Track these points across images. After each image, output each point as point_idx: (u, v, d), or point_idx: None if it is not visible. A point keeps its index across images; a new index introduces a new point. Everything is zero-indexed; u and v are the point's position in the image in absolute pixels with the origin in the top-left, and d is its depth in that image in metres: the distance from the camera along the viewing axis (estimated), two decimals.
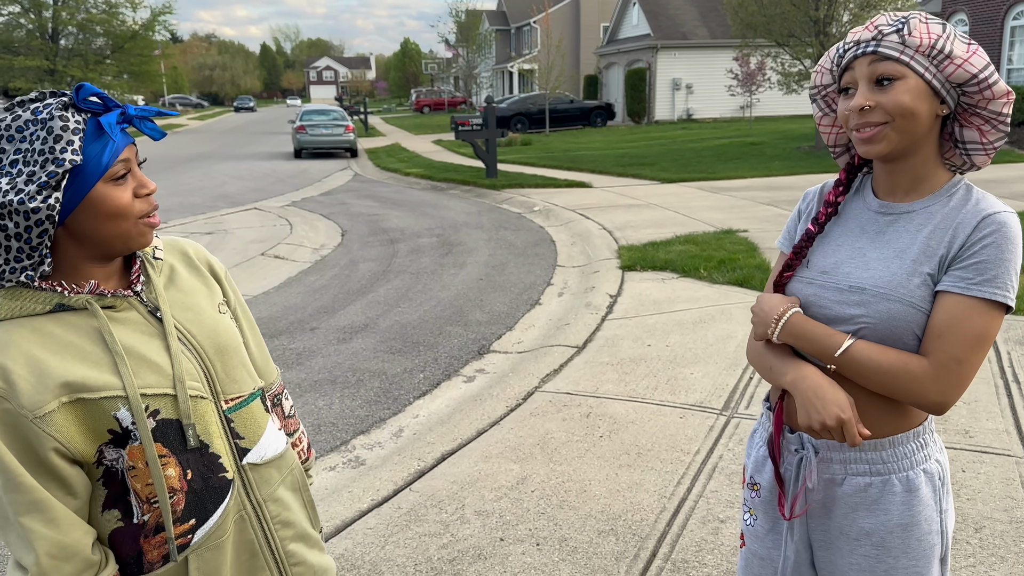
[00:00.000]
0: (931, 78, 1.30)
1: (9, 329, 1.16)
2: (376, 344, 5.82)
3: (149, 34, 44.27)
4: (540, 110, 29.31)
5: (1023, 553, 2.81)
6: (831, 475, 1.43)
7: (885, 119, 1.32)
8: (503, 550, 3.00)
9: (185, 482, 1.25)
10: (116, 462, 1.20)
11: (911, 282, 1.33)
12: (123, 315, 1.24)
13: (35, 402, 1.12)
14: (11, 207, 1.08)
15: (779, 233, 8.78)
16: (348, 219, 11.90)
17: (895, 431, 1.39)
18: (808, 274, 1.47)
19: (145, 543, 1.24)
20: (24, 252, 1.11)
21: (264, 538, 1.38)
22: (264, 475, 1.39)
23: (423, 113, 54.74)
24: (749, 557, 1.61)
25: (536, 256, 8.71)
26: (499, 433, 4.04)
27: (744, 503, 1.64)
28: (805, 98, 26.56)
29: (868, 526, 1.41)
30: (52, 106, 1.13)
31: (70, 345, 1.17)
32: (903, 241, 1.37)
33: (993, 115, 1.32)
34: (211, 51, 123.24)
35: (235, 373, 1.35)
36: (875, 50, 1.32)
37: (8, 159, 1.11)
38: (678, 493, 3.35)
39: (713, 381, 4.56)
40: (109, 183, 1.16)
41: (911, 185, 1.39)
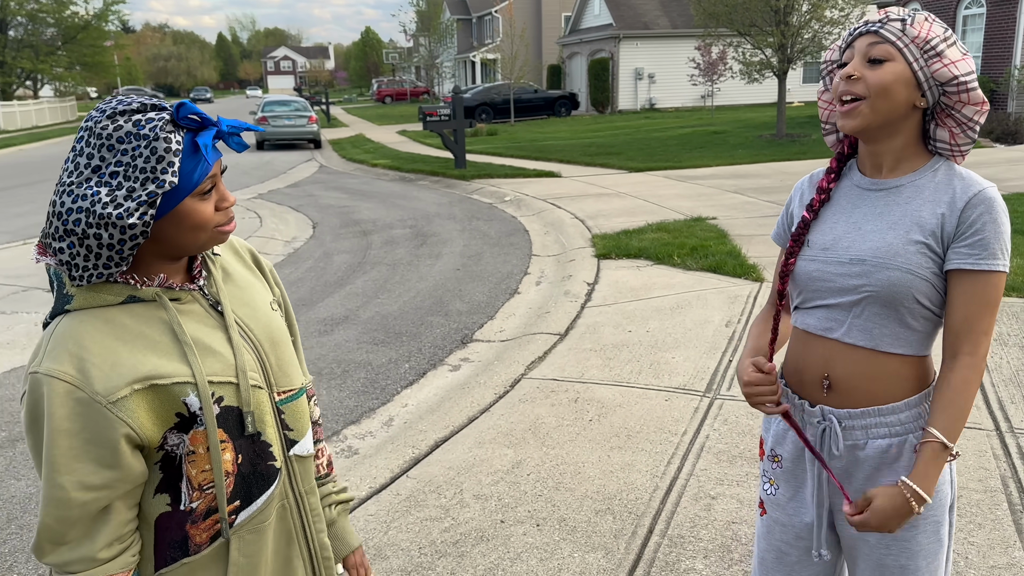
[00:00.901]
0: (917, 69, 1.42)
1: (83, 320, 1.20)
2: (358, 335, 5.85)
3: (101, 24, 43.32)
4: (505, 100, 29.32)
5: (999, 520, 2.97)
6: (854, 441, 1.54)
7: (864, 93, 1.44)
8: (504, 531, 3.08)
9: (236, 466, 1.31)
10: (177, 447, 1.25)
11: (907, 250, 1.45)
12: (187, 307, 1.29)
13: (109, 388, 1.17)
14: (109, 220, 1.12)
15: (747, 220, 9.00)
16: (318, 211, 11.85)
17: (909, 394, 1.51)
18: (810, 252, 1.57)
19: (192, 528, 1.29)
20: (113, 261, 1.16)
21: (302, 527, 1.44)
22: (307, 468, 1.45)
23: (385, 103, 54.36)
24: (771, 524, 1.71)
25: (511, 246, 8.78)
26: (490, 420, 4.12)
27: (764, 474, 1.74)
28: (766, 87, 26.98)
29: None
30: (156, 124, 1.15)
31: (140, 335, 1.22)
32: (895, 214, 1.49)
33: (965, 119, 1.44)
34: (165, 41, 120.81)
35: (287, 367, 1.41)
36: (876, 30, 1.45)
37: (108, 169, 1.14)
38: (669, 472, 3.46)
39: (694, 364, 4.68)
40: (196, 198, 1.20)
41: (894, 164, 1.52)
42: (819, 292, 1.55)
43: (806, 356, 1.59)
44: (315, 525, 1.47)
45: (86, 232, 1.13)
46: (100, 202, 1.12)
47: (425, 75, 55.98)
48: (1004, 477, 3.25)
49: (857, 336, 1.51)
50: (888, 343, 1.49)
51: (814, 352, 1.57)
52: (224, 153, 22.22)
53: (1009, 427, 3.67)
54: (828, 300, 1.54)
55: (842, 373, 1.53)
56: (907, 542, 1.53)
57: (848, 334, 1.52)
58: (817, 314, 1.57)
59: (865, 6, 17.17)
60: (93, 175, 1.14)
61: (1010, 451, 3.45)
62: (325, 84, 77.26)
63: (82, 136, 1.17)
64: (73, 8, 40.67)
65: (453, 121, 14.92)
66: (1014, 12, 16.98)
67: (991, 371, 4.31)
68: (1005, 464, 3.35)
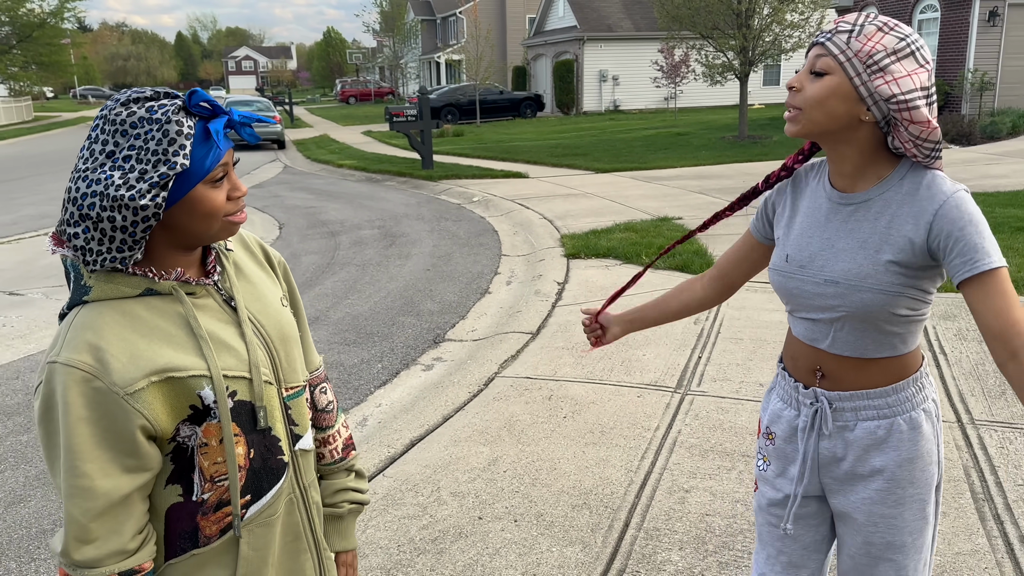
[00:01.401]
0: (859, 84, 1.40)
1: (102, 311, 1.21)
2: (329, 336, 5.83)
3: (57, 22, 42.43)
4: (471, 101, 29.32)
5: (962, 508, 3.07)
6: (844, 423, 1.61)
7: (800, 105, 1.47)
8: (483, 527, 3.11)
9: (248, 460, 1.33)
10: (189, 439, 1.27)
11: (876, 271, 1.48)
12: (201, 302, 1.31)
13: (127, 379, 1.18)
14: (122, 201, 1.14)
15: None
16: (284, 212, 11.76)
17: (898, 379, 1.57)
18: (788, 268, 1.62)
19: (203, 519, 1.30)
20: (127, 244, 1.18)
21: (307, 522, 1.46)
22: (308, 462, 1.47)
23: (349, 104, 54.03)
24: (762, 500, 1.79)
25: (481, 246, 8.81)
26: (465, 418, 4.14)
27: (759, 451, 1.81)
28: (728, 89, 27.34)
29: (879, 464, 1.59)
30: (168, 108, 1.18)
31: (157, 328, 1.24)
32: (864, 231, 1.51)
33: (913, 137, 1.41)
34: (124, 41, 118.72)
35: (294, 364, 1.43)
36: (824, 42, 1.46)
37: (122, 153, 1.17)
38: (643, 467, 3.52)
39: (665, 361, 4.75)
40: (208, 185, 1.22)
41: (855, 172, 1.52)
42: (801, 306, 1.61)
43: (799, 351, 1.66)
44: (316, 519, 1.49)
45: (100, 216, 1.15)
46: (113, 184, 1.15)
47: (389, 75, 55.74)
48: (966, 467, 3.36)
49: (841, 347, 1.57)
50: (873, 350, 1.55)
51: (805, 352, 1.64)
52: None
53: (970, 419, 3.79)
54: (811, 315, 1.60)
55: (832, 369, 1.60)
56: (893, 519, 1.59)
57: (832, 346, 1.58)
58: (803, 324, 1.63)
59: (824, 10, 17.49)
60: (107, 160, 1.17)
61: (971, 442, 3.57)
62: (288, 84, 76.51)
63: (97, 124, 1.20)
64: (28, 6, 39.79)
65: (420, 122, 14.90)
66: (967, 16, 17.44)
67: (951, 364, 4.45)
68: (967, 454, 3.46)
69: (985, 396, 4.02)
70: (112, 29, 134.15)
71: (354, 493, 1.60)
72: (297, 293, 1.58)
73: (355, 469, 1.63)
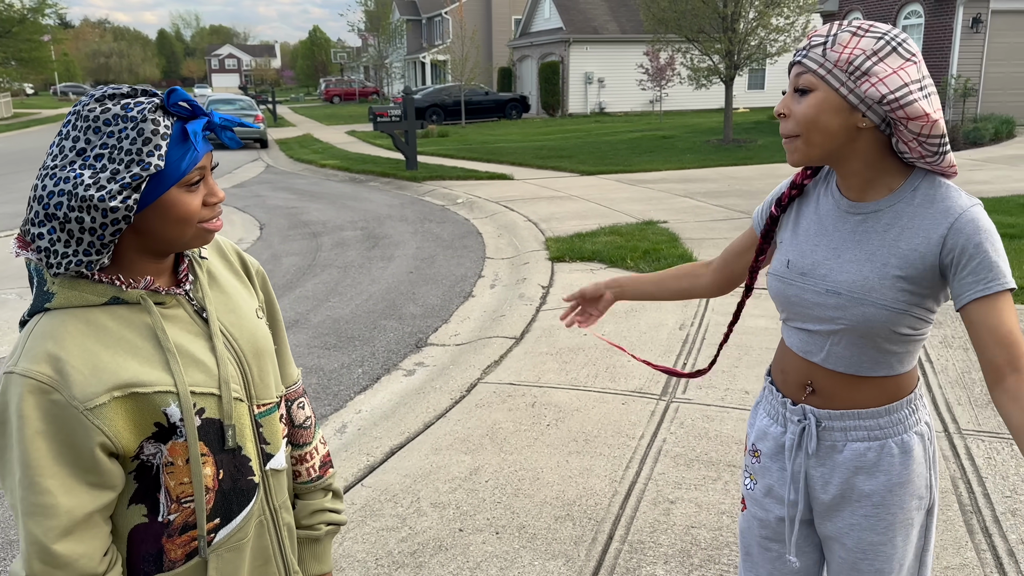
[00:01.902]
0: (847, 93, 1.34)
1: (64, 320, 1.14)
2: (309, 340, 5.73)
3: (37, 18, 41.94)
4: (456, 102, 29.22)
5: (951, 520, 3.03)
6: (832, 442, 1.54)
7: (796, 131, 1.40)
8: (463, 540, 3.03)
9: (217, 482, 1.25)
10: (154, 457, 1.19)
11: (883, 285, 1.41)
12: (171, 312, 1.23)
13: (87, 394, 1.11)
14: (91, 202, 1.08)
15: (698, 224, 9.10)
16: (265, 212, 11.63)
17: (892, 399, 1.50)
18: (788, 275, 1.54)
19: (168, 542, 1.23)
20: (95, 247, 1.11)
21: (277, 545, 1.39)
22: (280, 483, 1.40)
23: (333, 103, 53.76)
24: (749, 519, 1.72)
25: (464, 248, 8.72)
26: (446, 425, 4.06)
27: (745, 469, 1.74)
28: (713, 93, 27.37)
29: (868, 488, 1.51)
30: (144, 106, 1.12)
31: (123, 339, 1.16)
32: (873, 243, 1.43)
33: (913, 135, 1.34)
34: (106, 37, 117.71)
35: (267, 379, 1.36)
36: (800, 60, 1.39)
37: (93, 152, 1.10)
38: (628, 477, 3.45)
39: (650, 368, 4.69)
40: (183, 189, 1.16)
41: (866, 185, 1.45)
42: (798, 316, 1.54)
43: (790, 364, 1.59)
44: (287, 542, 1.41)
45: (68, 216, 1.09)
46: (83, 184, 1.08)
47: (374, 75, 55.54)
48: (954, 478, 3.32)
49: (836, 362, 1.50)
50: (868, 368, 1.48)
51: (796, 364, 1.57)
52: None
53: (957, 428, 3.75)
54: (807, 325, 1.53)
55: (824, 385, 1.54)
56: (883, 546, 1.53)
57: (827, 360, 1.51)
58: (798, 335, 1.56)
59: (810, 14, 17.55)
60: (78, 158, 1.11)
61: (959, 452, 3.53)
62: (272, 83, 76.03)
63: (70, 120, 1.14)
64: (8, 1, 39.30)
65: (404, 122, 14.79)
66: (951, 23, 17.55)
67: (937, 373, 4.41)
68: (955, 465, 3.42)
69: (972, 405, 3.99)
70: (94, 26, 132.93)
71: (331, 514, 1.53)
72: (275, 303, 1.51)
73: (332, 488, 1.56)
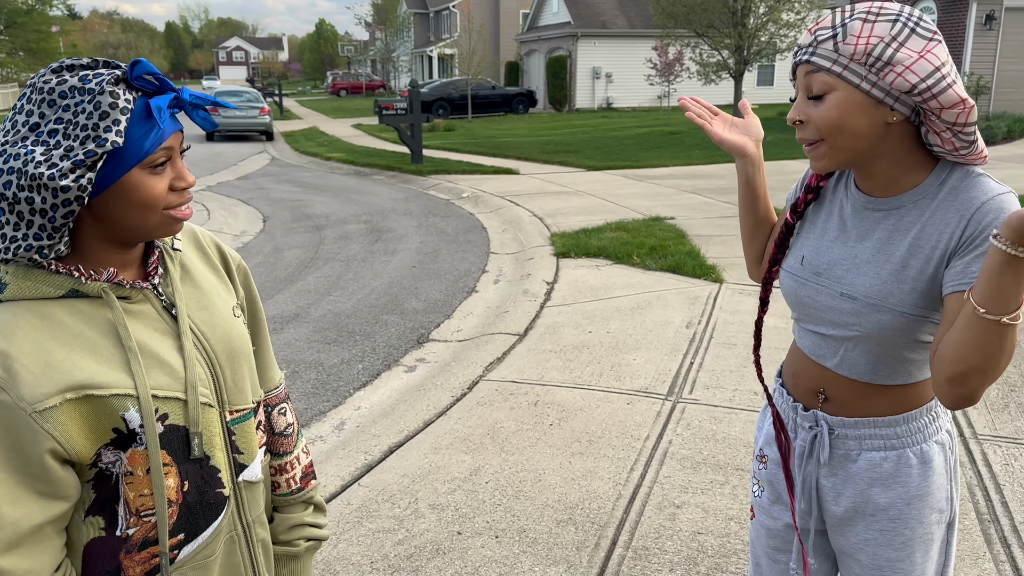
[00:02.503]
0: (869, 88, 1.20)
1: (16, 313, 1.04)
2: (309, 334, 5.63)
3: (45, 9, 41.94)
4: (462, 96, 29.08)
5: (968, 530, 2.91)
6: (845, 451, 1.43)
7: (818, 136, 1.26)
8: (461, 544, 2.93)
9: (181, 494, 1.15)
10: (113, 465, 1.09)
11: (901, 289, 1.28)
12: (137, 307, 1.13)
13: (36, 395, 1.01)
14: (41, 180, 0.98)
15: (705, 220, 8.99)
16: (269, 204, 11.54)
17: (910, 407, 1.39)
18: (802, 273, 1.43)
19: (127, 558, 1.12)
20: (46, 231, 1.01)
21: (250, 562, 1.28)
22: (254, 495, 1.29)
23: (340, 96, 53.61)
24: (759, 528, 1.62)
25: (468, 243, 8.62)
26: (447, 424, 3.96)
27: (753, 476, 1.64)
28: (722, 89, 27.22)
29: (884, 501, 1.41)
30: (104, 78, 1.02)
31: (80, 336, 1.06)
32: (893, 243, 1.31)
33: (948, 124, 1.20)
34: (114, 29, 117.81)
35: (242, 383, 1.25)
36: (809, 59, 1.25)
37: (47, 127, 1.01)
38: (632, 480, 3.35)
39: (656, 367, 4.58)
40: (146, 170, 1.05)
41: (890, 183, 1.32)
42: (811, 318, 1.43)
43: (803, 368, 1.48)
44: (261, 559, 1.30)
45: (17, 196, 0.99)
46: (33, 161, 0.98)
47: (381, 69, 55.42)
48: (971, 485, 3.20)
49: (850, 369, 1.39)
50: (885, 376, 1.37)
51: (809, 369, 1.47)
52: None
53: (973, 433, 3.63)
54: (820, 328, 1.42)
55: (837, 392, 1.43)
56: (900, 562, 1.43)
57: (840, 366, 1.40)
58: (811, 338, 1.45)
59: (821, 9, 17.38)
60: (31, 133, 1.01)
61: (975, 458, 3.41)
62: (278, 76, 75.95)
63: (25, 93, 1.04)
64: None
65: (410, 115, 14.68)
66: (963, 20, 17.36)
67: None
68: (971, 472, 3.31)
69: (988, 409, 3.87)
70: (102, 17, 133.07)
71: (311, 529, 1.42)
72: (258, 301, 1.40)
73: (314, 501, 1.45)
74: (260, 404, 1.34)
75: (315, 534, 1.42)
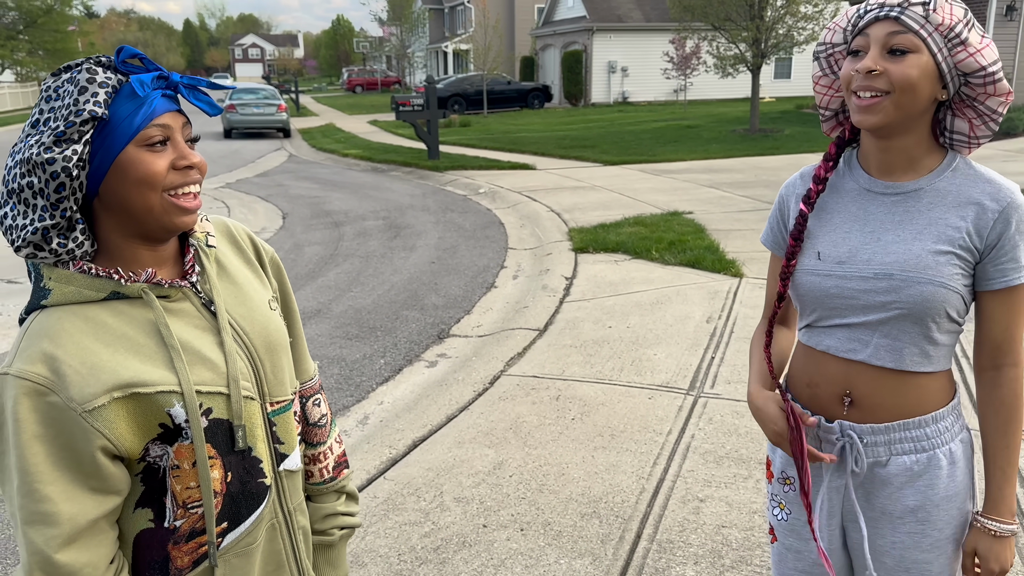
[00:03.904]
0: (941, 60, 1.29)
1: (61, 316, 1.08)
2: (331, 330, 5.69)
3: (64, 9, 42.29)
4: (478, 91, 29.09)
5: None
6: (875, 458, 1.43)
7: (888, 88, 1.30)
8: (487, 536, 2.96)
9: (225, 485, 1.19)
10: (160, 459, 1.13)
11: (937, 261, 1.33)
12: (177, 306, 1.16)
13: (85, 395, 1.05)
14: (34, 160, 1.04)
15: (724, 215, 8.95)
16: (288, 201, 11.61)
17: (936, 406, 1.41)
18: (823, 267, 1.43)
19: (174, 549, 1.16)
20: (47, 212, 1.05)
21: (291, 549, 1.32)
22: (295, 484, 1.33)
23: (356, 93, 53.74)
24: (783, 552, 1.59)
25: (487, 239, 8.65)
26: (469, 418, 4.00)
27: (773, 497, 1.61)
28: (739, 82, 27.04)
29: (914, 503, 1.42)
30: (88, 64, 1.08)
31: (123, 337, 1.10)
32: (918, 222, 1.35)
33: (988, 111, 1.32)
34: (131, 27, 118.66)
35: (281, 375, 1.29)
36: (898, 16, 1.29)
37: (43, 118, 1.07)
38: (655, 474, 3.37)
39: (677, 361, 4.60)
40: (142, 147, 1.08)
41: (907, 164, 1.38)
42: (838, 310, 1.42)
43: (822, 374, 1.47)
44: (302, 546, 1.34)
45: (21, 184, 1.05)
46: (28, 147, 1.05)
47: (396, 65, 55.49)
48: None
49: (885, 357, 1.39)
50: (915, 362, 1.39)
51: (832, 371, 1.45)
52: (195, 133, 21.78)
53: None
54: (850, 319, 1.41)
55: (866, 391, 1.42)
56: (928, 564, 1.43)
57: (874, 355, 1.40)
58: (837, 334, 1.44)
59: (839, 2, 17.24)
60: (32, 129, 1.08)
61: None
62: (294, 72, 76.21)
63: (39, 99, 1.12)
64: None
65: (426, 111, 14.71)
66: (984, 11, 17.17)
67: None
68: None
69: None
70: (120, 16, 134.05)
71: (345, 518, 1.46)
72: (291, 294, 1.43)
73: (347, 491, 1.49)
74: (297, 394, 1.38)
75: (348, 522, 1.46)
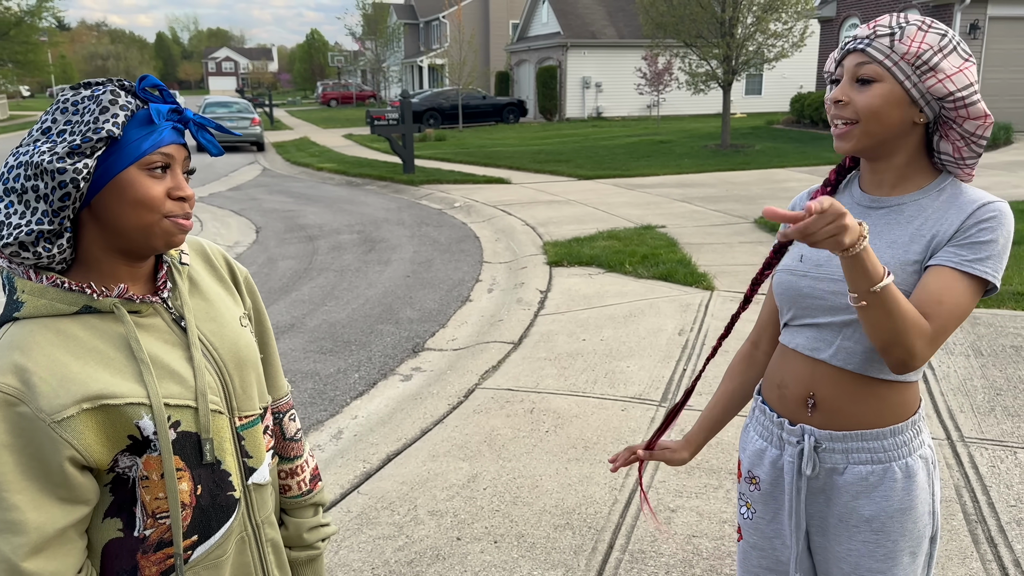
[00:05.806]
0: (910, 87, 1.35)
1: (32, 329, 1.10)
2: (305, 344, 5.68)
3: (34, 20, 41.86)
4: (453, 105, 29.19)
5: (955, 530, 2.98)
6: (833, 464, 1.47)
7: (854, 118, 1.38)
8: (461, 549, 2.98)
9: (195, 497, 1.20)
10: (129, 469, 1.15)
11: (903, 271, 1.37)
12: (148, 321, 1.19)
13: (55, 406, 1.07)
14: (43, 166, 1.07)
15: (696, 228, 9.06)
16: (261, 215, 11.57)
17: (896, 420, 1.45)
18: (801, 267, 1.49)
19: (143, 558, 1.18)
20: (47, 217, 1.08)
21: (260, 562, 1.34)
22: (263, 497, 1.35)
23: (330, 106, 53.64)
24: (748, 550, 1.64)
25: (462, 252, 8.68)
26: (444, 432, 4.01)
27: (740, 497, 1.66)
28: (711, 98, 27.40)
29: (868, 513, 1.46)
30: (112, 87, 1.12)
31: (94, 350, 1.12)
32: (894, 233, 1.41)
33: (967, 134, 1.36)
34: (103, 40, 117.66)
35: (250, 390, 1.31)
36: (864, 48, 1.37)
37: (57, 128, 1.10)
38: (628, 485, 3.40)
39: (649, 374, 4.65)
40: (143, 171, 1.12)
41: (896, 181, 1.45)
42: (809, 310, 1.48)
43: (790, 374, 1.52)
44: (271, 558, 1.36)
45: (24, 186, 1.08)
46: (39, 152, 1.08)
47: (371, 79, 55.52)
48: (958, 487, 3.27)
49: (844, 358, 1.44)
50: (876, 368, 1.43)
51: (799, 371, 1.50)
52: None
53: (960, 436, 3.71)
54: (818, 319, 1.47)
55: (828, 394, 1.47)
56: (883, 573, 1.47)
57: (836, 356, 1.45)
58: (806, 333, 1.50)
59: (808, 20, 17.56)
60: (42, 136, 1.10)
61: (962, 460, 3.48)
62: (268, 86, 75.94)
63: (48, 109, 1.15)
64: (6, 4, 39.22)
65: (401, 126, 14.74)
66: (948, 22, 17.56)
67: (939, 380, 4.37)
68: (958, 473, 3.38)
69: (974, 412, 3.95)
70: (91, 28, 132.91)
71: (325, 528, 1.50)
72: (263, 311, 1.46)
73: (322, 503, 1.52)
74: (267, 410, 1.40)
75: (328, 532, 1.50)
